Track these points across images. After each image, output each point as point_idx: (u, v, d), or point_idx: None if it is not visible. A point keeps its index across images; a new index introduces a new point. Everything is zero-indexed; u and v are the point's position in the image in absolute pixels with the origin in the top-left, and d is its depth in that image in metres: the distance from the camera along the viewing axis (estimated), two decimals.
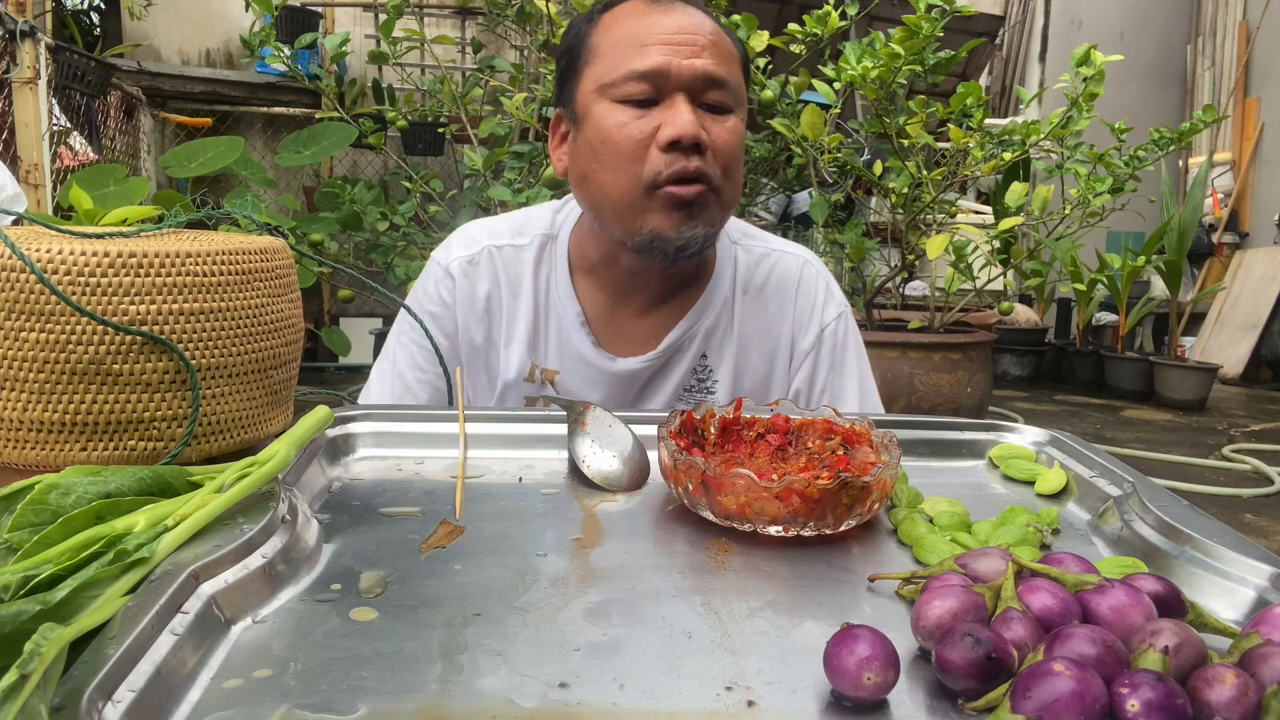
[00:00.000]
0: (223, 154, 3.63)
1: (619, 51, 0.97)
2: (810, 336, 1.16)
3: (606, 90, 0.97)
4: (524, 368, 1.12)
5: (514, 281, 1.13)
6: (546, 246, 1.13)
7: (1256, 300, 6.07)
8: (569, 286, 1.11)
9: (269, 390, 0.74)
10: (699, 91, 0.96)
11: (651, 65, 0.95)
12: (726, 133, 0.98)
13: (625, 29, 0.98)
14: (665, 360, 1.11)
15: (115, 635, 0.41)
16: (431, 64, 4.36)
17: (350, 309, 5.12)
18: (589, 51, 1.01)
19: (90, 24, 5.18)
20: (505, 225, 1.16)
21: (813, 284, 1.17)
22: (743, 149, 1.02)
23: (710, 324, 1.12)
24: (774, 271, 1.16)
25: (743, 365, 1.14)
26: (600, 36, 1.00)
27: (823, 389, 1.16)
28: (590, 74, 1.00)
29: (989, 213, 4.29)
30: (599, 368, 1.10)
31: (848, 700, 0.44)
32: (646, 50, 0.95)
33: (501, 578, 0.56)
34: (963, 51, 2.76)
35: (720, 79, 0.97)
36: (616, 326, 1.11)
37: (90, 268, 0.63)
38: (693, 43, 0.96)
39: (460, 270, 1.13)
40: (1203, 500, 3.27)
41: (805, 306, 1.16)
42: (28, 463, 0.65)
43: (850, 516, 0.64)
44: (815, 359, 1.16)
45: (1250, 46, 6.69)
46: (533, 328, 1.12)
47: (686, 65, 0.95)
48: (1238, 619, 0.54)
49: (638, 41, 0.96)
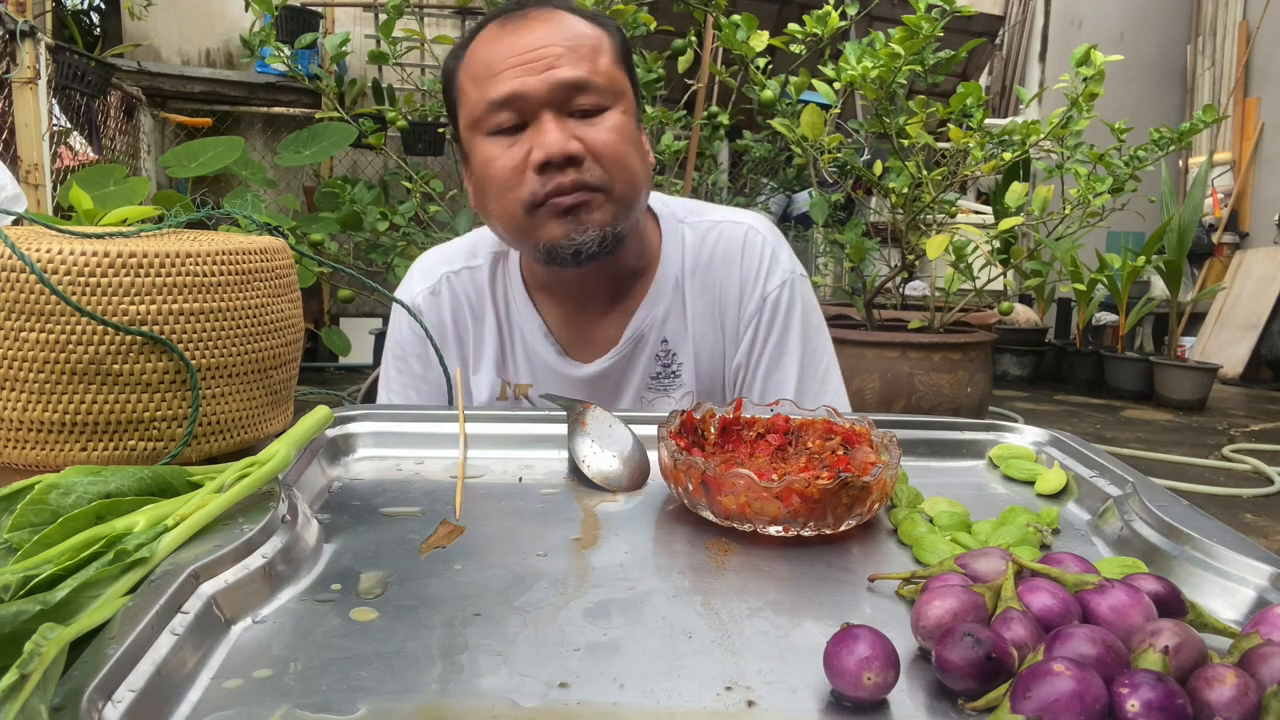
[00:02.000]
0: (223, 154, 3.63)
1: (477, 85, 0.97)
2: (752, 305, 1.11)
3: (477, 125, 0.98)
4: (495, 387, 1.13)
5: (475, 304, 1.14)
6: (499, 264, 1.14)
7: (1256, 300, 6.06)
8: (527, 301, 1.12)
9: (269, 390, 0.74)
10: (563, 102, 0.95)
11: (505, 92, 0.94)
12: (604, 133, 0.96)
13: (481, 59, 0.97)
14: (628, 354, 1.11)
15: (115, 635, 0.41)
16: (431, 64, 4.36)
17: (350, 309, 5.12)
18: (458, 89, 1.01)
19: (90, 24, 5.17)
20: (458, 249, 1.17)
21: (757, 250, 1.12)
22: (631, 139, 0.99)
23: (665, 309, 1.11)
24: (719, 242, 1.13)
25: (700, 343, 1.12)
26: (464, 72, 1.00)
27: (758, 363, 1.11)
28: (463, 112, 1.00)
29: (989, 213, 4.29)
30: (568, 374, 1.11)
31: (848, 700, 0.44)
32: (499, 78, 0.94)
33: (501, 578, 0.56)
34: (963, 51, 2.76)
35: (581, 82, 0.95)
36: (579, 332, 1.12)
37: (90, 268, 0.63)
38: (544, 55, 0.94)
39: (426, 304, 1.14)
40: (1203, 500, 3.27)
41: (749, 273, 1.12)
42: (28, 463, 0.65)
43: (850, 516, 0.64)
44: (755, 330, 1.11)
45: (1250, 46, 6.69)
46: (499, 345, 1.13)
47: (539, 81, 0.93)
48: (1238, 619, 0.54)
49: (490, 71, 0.96)
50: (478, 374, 1.13)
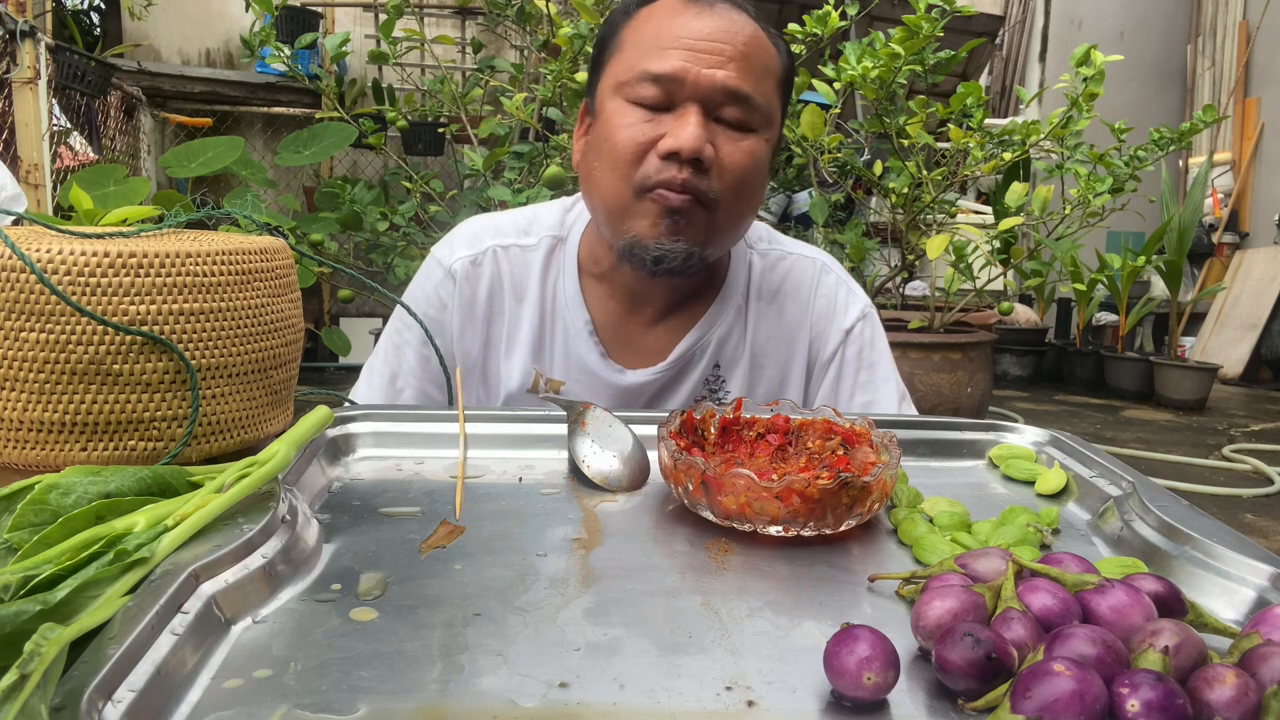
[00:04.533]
0: (223, 154, 3.63)
1: (640, 50, 0.93)
2: (832, 343, 1.09)
3: (622, 88, 0.93)
4: (527, 377, 1.07)
5: (519, 284, 1.07)
6: (555, 249, 1.08)
7: (1256, 300, 6.07)
8: (578, 293, 1.06)
9: (269, 390, 0.74)
10: (716, 105, 0.91)
11: (666, 69, 0.90)
12: (740, 152, 0.92)
13: (653, 26, 0.93)
14: (676, 372, 1.06)
15: (115, 635, 0.41)
16: (431, 64, 4.36)
17: (350, 309, 5.12)
18: (616, 45, 0.97)
19: (90, 24, 5.17)
20: (511, 223, 1.11)
21: (831, 288, 1.11)
22: (760, 171, 0.96)
23: (723, 333, 1.07)
24: (789, 276, 1.11)
25: (756, 375, 1.08)
26: (630, 31, 0.96)
27: (852, 395, 1.09)
28: (612, 69, 0.96)
29: (989, 213, 4.29)
30: (606, 379, 1.05)
31: (848, 700, 0.44)
32: (666, 53, 0.90)
33: (501, 578, 0.56)
34: (963, 51, 2.76)
35: (742, 94, 0.91)
36: (626, 336, 1.06)
37: (90, 268, 0.63)
38: (719, 51, 0.90)
39: (463, 272, 1.07)
40: (1203, 500, 3.27)
41: (824, 311, 1.10)
42: (28, 463, 0.65)
43: (850, 516, 0.64)
44: (840, 365, 1.09)
45: (1250, 46, 6.69)
46: (538, 335, 1.07)
47: (705, 75, 0.89)
48: (1238, 619, 0.54)
49: (659, 42, 0.91)
50: (510, 359, 1.07)
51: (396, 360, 1.10)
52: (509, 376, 1.07)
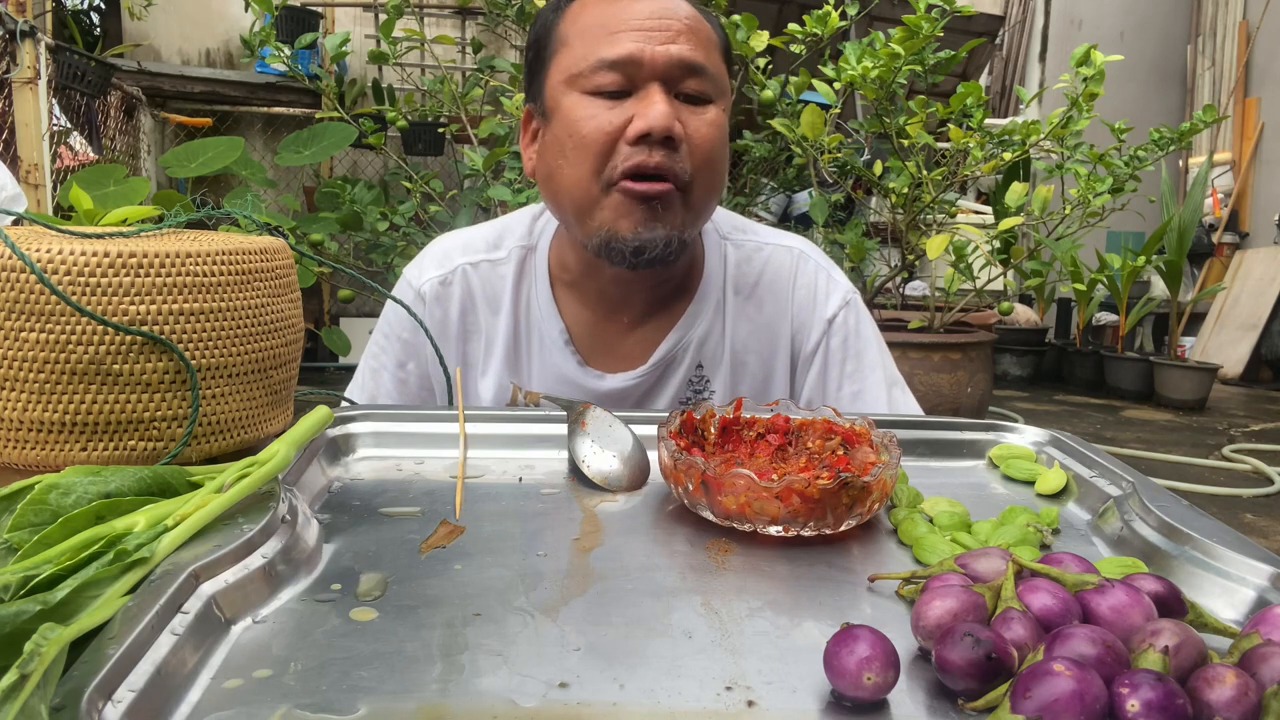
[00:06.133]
0: (223, 154, 3.63)
1: (587, 40, 0.91)
2: (815, 335, 1.07)
3: (575, 81, 0.91)
4: (503, 391, 1.06)
5: (493, 299, 1.06)
6: (526, 259, 1.07)
7: (1256, 300, 6.07)
8: (550, 302, 1.04)
9: (269, 390, 0.74)
10: (675, 80, 0.90)
11: (622, 53, 0.89)
12: (705, 125, 0.92)
13: (594, 16, 0.92)
14: (658, 375, 1.05)
15: (115, 635, 0.41)
16: (431, 64, 4.36)
17: (350, 309, 5.12)
18: (556, 41, 0.95)
19: (90, 24, 5.18)
20: (481, 238, 1.10)
21: (810, 276, 1.09)
22: (725, 143, 0.96)
23: (703, 332, 1.05)
24: (767, 267, 1.08)
25: (739, 373, 1.07)
26: (568, 25, 0.94)
27: (839, 386, 1.07)
28: (558, 65, 0.94)
29: (989, 213, 4.29)
30: (586, 387, 1.04)
31: (848, 700, 0.44)
32: (617, 37, 0.89)
33: (501, 578, 0.56)
34: (963, 51, 2.76)
35: (698, 66, 0.91)
36: (603, 342, 1.05)
37: (90, 268, 0.63)
38: (667, 28, 0.90)
39: (432, 294, 1.06)
40: (1203, 500, 3.27)
41: (804, 302, 1.08)
42: (28, 463, 0.65)
43: (850, 516, 0.64)
44: (825, 356, 1.07)
45: (1250, 46, 6.69)
46: (512, 347, 1.06)
47: (660, 52, 0.89)
48: (1238, 619, 0.54)
49: (607, 29, 0.90)
50: (485, 376, 1.06)
51: (374, 385, 1.10)
52: (485, 392, 1.06)
